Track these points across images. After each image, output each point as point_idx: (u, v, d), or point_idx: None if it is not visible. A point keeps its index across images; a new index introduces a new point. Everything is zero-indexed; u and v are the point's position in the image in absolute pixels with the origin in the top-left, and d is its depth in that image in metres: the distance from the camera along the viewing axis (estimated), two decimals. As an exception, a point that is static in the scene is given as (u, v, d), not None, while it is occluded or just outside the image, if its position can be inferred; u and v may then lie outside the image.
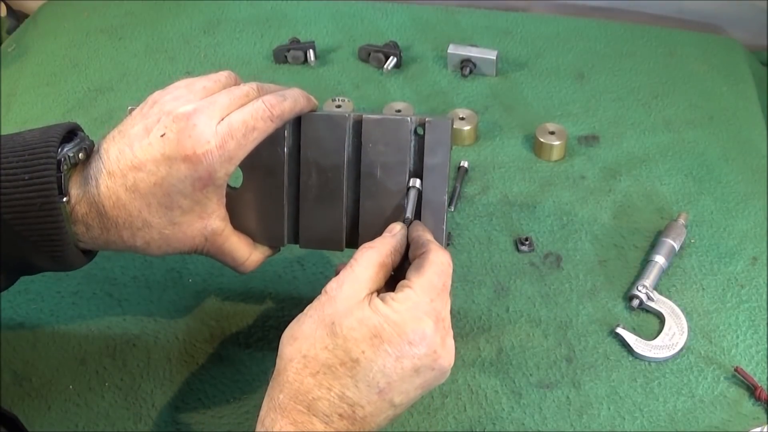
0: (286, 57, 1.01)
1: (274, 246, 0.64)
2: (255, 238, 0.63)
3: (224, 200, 0.59)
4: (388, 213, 0.61)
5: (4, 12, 1.21)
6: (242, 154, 0.57)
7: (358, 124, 0.61)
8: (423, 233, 0.57)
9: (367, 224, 0.61)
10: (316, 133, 0.62)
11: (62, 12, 1.13)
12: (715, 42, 1.03)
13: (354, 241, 0.62)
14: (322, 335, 0.51)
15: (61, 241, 0.55)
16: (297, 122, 0.63)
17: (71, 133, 0.58)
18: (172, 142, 0.54)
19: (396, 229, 0.57)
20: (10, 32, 1.16)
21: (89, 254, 0.60)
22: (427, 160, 0.60)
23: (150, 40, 1.06)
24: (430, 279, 0.53)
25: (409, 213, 0.59)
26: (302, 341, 0.52)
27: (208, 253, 0.61)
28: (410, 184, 0.60)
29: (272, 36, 1.05)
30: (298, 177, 0.62)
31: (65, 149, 0.56)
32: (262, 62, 1.02)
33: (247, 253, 0.62)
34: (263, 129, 0.57)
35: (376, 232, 0.57)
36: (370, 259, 0.53)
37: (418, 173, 0.61)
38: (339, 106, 0.90)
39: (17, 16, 1.22)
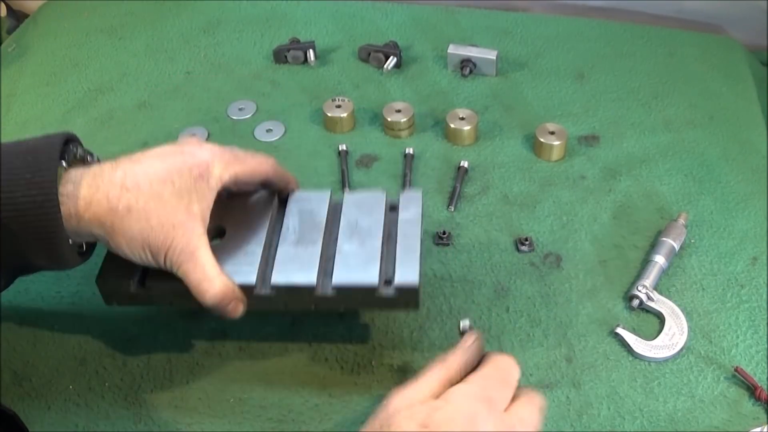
0: (286, 57, 1.01)
1: (245, 287, 0.61)
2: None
3: (209, 214, 0.60)
4: (364, 258, 0.62)
5: (4, 12, 1.21)
6: (238, 170, 0.62)
7: (339, 205, 0.68)
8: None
9: (343, 265, 0.62)
10: (300, 203, 0.68)
11: (62, 12, 1.13)
12: (715, 42, 1.03)
13: (326, 285, 0.62)
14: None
15: (58, 238, 0.55)
16: (284, 201, 0.68)
17: (72, 141, 0.61)
18: (182, 144, 0.62)
19: (468, 342, 0.55)
20: (10, 32, 1.16)
21: (85, 255, 0.61)
22: (401, 228, 0.64)
23: (150, 40, 1.06)
24: (485, 372, 0.53)
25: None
26: None
27: (180, 255, 0.58)
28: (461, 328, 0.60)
29: (272, 36, 1.05)
30: (278, 234, 0.65)
31: (69, 145, 0.59)
32: (262, 62, 1.02)
33: (217, 271, 0.59)
34: (260, 163, 0.64)
35: (351, 279, 0.60)
36: (438, 374, 0.53)
37: (392, 237, 0.64)
38: (339, 106, 0.90)
39: (17, 16, 1.22)
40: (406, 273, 0.60)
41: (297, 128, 0.92)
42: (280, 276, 0.61)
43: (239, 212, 0.67)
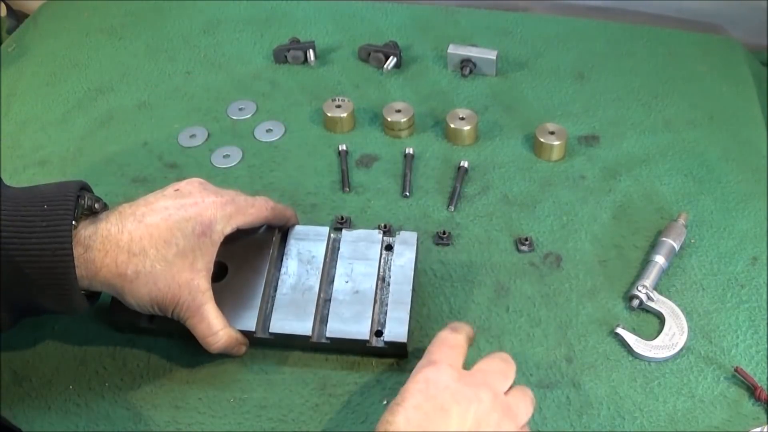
0: (286, 57, 1.01)
1: (246, 332, 0.66)
2: (229, 322, 0.66)
3: (212, 266, 0.64)
4: (358, 308, 0.67)
5: (4, 12, 1.21)
6: (240, 221, 0.65)
7: (336, 242, 0.72)
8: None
9: (337, 316, 0.67)
10: (299, 243, 0.71)
11: (62, 12, 1.13)
12: (715, 42, 1.03)
13: (321, 332, 0.67)
14: None
15: (69, 287, 0.58)
16: (285, 235, 0.72)
17: (84, 189, 0.63)
18: (184, 194, 0.64)
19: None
20: (10, 32, 1.16)
21: (92, 300, 0.63)
22: (394, 276, 0.69)
23: (150, 40, 1.06)
24: (487, 363, 0.59)
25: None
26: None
27: (186, 311, 0.63)
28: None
29: (272, 36, 1.05)
30: (278, 274, 0.69)
31: (80, 199, 0.61)
32: (262, 62, 1.02)
33: (221, 325, 0.64)
34: (260, 210, 0.67)
35: (344, 332, 0.66)
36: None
37: (386, 282, 0.69)
38: (339, 106, 0.90)
39: (17, 16, 1.22)
40: (396, 329, 0.65)
41: (297, 128, 0.92)
42: (278, 324, 0.66)
43: (241, 250, 0.70)
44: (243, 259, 0.69)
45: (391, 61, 0.98)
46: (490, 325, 0.70)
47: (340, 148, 0.87)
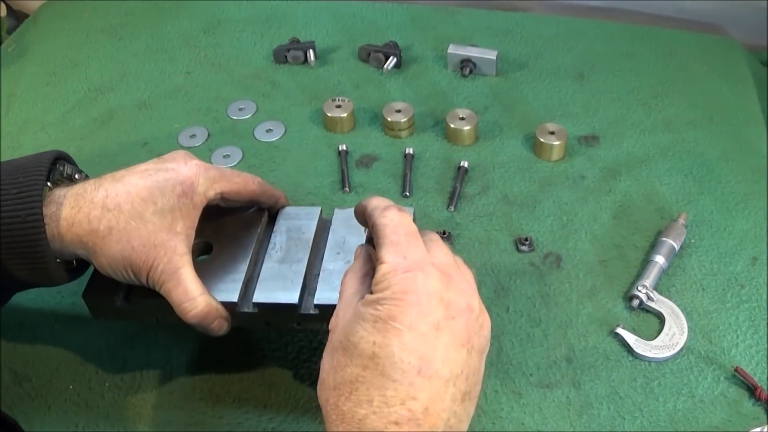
0: (286, 57, 1.01)
1: (227, 304, 0.61)
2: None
3: (193, 231, 0.60)
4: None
5: (4, 12, 1.21)
6: (224, 187, 0.62)
7: (327, 222, 0.67)
8: (368, 210, 0.54)
9: (327, 285, 0.61)
10: (289, 221, 0.67)
11: (62, 12, 1.13)
12: (715, 42, 1.03)
13: (309, 303, 0.61)
14: (338, 359, 0.49)
15: (41, 252, 0.56)
16: (274, 217, 0.68)
17: (62, 159, 0.62)
18: (167, 159, 0.61)
19: (359, 251, 0.56)
20: (10, 32, 1.16)
21: (75, 273, 0.62)
22: None
23: (150, 40, 1.06)
24: (390, 241, 0.50)
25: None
26: (326, 377, 0.49)
27: (162, 275, 0.58)
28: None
29: (272, 36, 1.05)
30: (265, 251, 0.65)
31: (58, 166, 0.60)
32: (262, 62, 1.02)
33: (200, 291, 0.58)
34: (245, 181, 0.64)
35: (334, 293, 0.57)
36: (350, 280, 0.53)
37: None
38: (339, 106, 0.90)
39: (17, 16, 1.22)
40: None
41: (297, 128, 0.92)
42: (263, 294, 0.61)
43: (227, 229, 0.66)
44: (229, 238, 0.65)
45: (391, 61, 0.98)
46: (490, 325, 0.70)
47: (340, 148, 0.87)
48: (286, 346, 0.69)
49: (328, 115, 0.90)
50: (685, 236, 0.75)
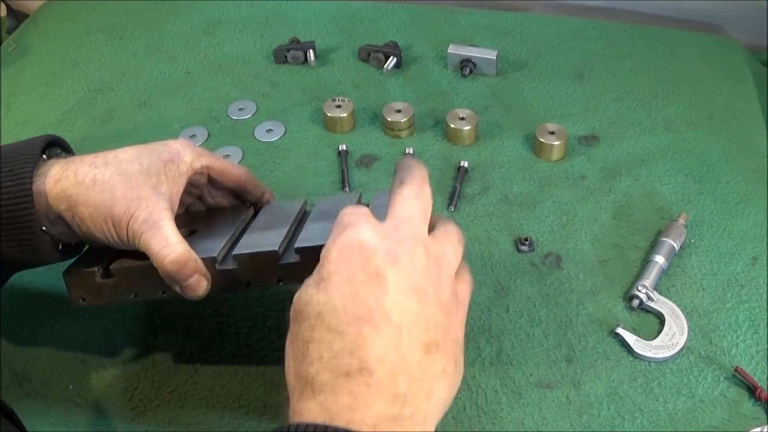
0: (286, 57, 1.01)
1: (207, 261, 0.59)
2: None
3: (178, 198, 0.61)
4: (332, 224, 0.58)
5: (4, 12, 1.21)
6: (210, 162, 0.64)
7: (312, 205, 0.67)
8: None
9: (307, 232, 0.60)
10: (273, 207, 0.68)
11: (62, 12, 1.13)
12: (715, 42, 1.03)
13: (290, 255, 0.59)
14: (292, 333, 0.49)
15: (31, 229, 0.57)
16: (257, 210, 0.69)
17: (58, 143, 0.64)
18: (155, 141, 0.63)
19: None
20: (10, 32, 1.16)
21: (65, 254, 0.62)
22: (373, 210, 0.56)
23: (150, 40, 1.06)
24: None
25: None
26: (287, 359, 0.49)
27: (142, 225, 0.57)
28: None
29: (272, 36, 1.05)
30: (247, 229, 0.65)
31: (52, 149, 0.62)
32: (262, 62, 1.02)
33: (178, 239, 0.57)
34: (233, 165, 0.67)
35: (317, 240, 0.55)
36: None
37: None
38: (339, 106, 0.90)
39: (17, 16, 1.22)
40: None
41: (297, 128, 0.92)
42: (243, 248, 0.60)
43: (213, 218, 0.67)
44: (214, 224, 0.66)
45: (391, 61, 0.98)
46: (490, 325, 0.70)
47: (340, 148, 0.87)
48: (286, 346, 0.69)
49: (328, 115, 0.90)
50: (685, 236, 0.75)
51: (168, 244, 0.57)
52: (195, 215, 0.68)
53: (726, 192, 0.81)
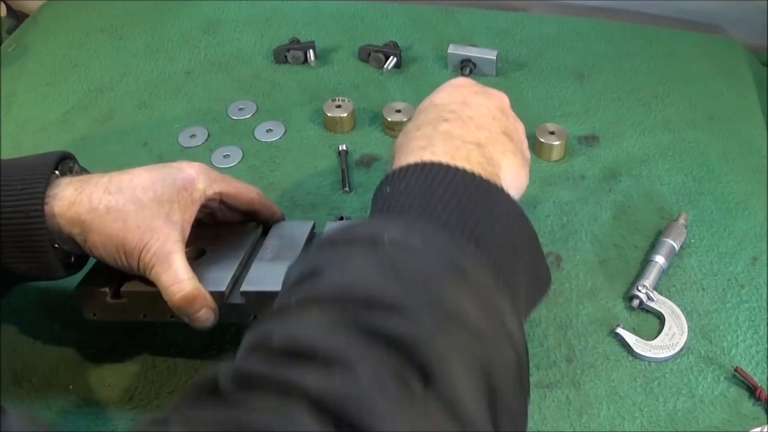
0: (286, 57, 1.01)
1: (215, 294, 0.61)
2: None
3: (189, 226, 0.62)
4: None
5: (4, 12, 1.21)
6: (223, 188, 0.64)
7: (320, 232, 0.68)
8: None
9: None
10: (282, 229, 0.69)
11: (62, 12, 1.13)
12: (715, 42, 1.03)
13: None
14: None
15: (41, 247, 0.58)
16: (268, 230, 0.69)
17: (69, 158, 0.64)
18: (171, 163, 0.64)
19: None
20: (10, 32, 1.16)
21: (73, 268, 0.63)
22: None
23: (150, 40, 1.06)
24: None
25: None
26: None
27: (153, 257, 0.59)
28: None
29: (272, 36, 1.05)
30: (257, 254, 0.65)
31: (68, 162, 0.63)
32: (262, 62, 1.02)
33: (189, 275, 0.59)
34: (247, 188, 0.67)
35: None
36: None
37: None
38: (339, 106, 0.90)
39: (17, 16, 1.22)
40: None
41: (297, 128, 0.92)
42: (251, 284, 0.61)
43: (222, 237, 0.68)
44: (222, 244, 0.67)
45: (391, 61, 0.98)
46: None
47: (340, 148, 0.87)
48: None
49: (328, 115, 0.90)
50: (685, 236, 0.75)
51: (178, 281, 0.59)
52: (204, 232, 0.67)
53: (726, 192, 0.81)
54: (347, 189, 0.83)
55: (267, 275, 0.62)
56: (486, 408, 0.42)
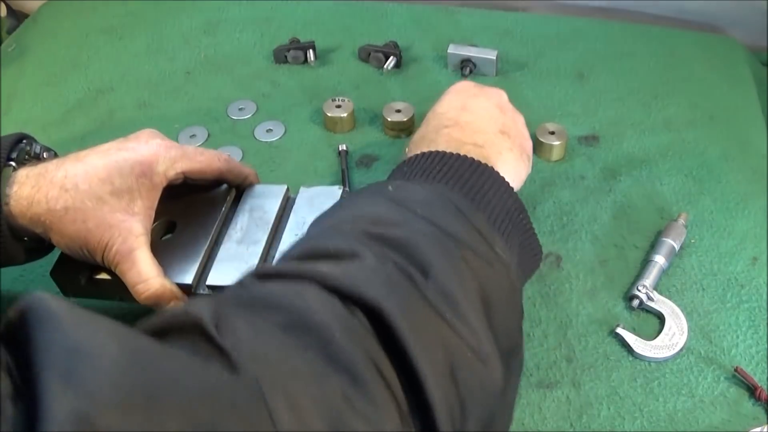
0: (286, 57, 1.01)
1: (182, 287, 0.61)
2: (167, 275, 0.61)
3: (153, 212, 0.60)
4: None
5: (4, 12, 1.21)
6: (186, 167, 0.62)
7: (292, 201, 0.67)
8: None
9: None
10: (254, 199, 0.67)
11: (62, 12, 1.13)
12: (715, 42, 1.03)
13: None
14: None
15: (2, 243, 0.57)
16: (240, 194, 0.68)
17: (26, 139, 0.63)
18: (130, 138, 0.62)
19: None
20: (10, 32, 1.16)
21: (40, 252, 0.62)
22: None
23: (150, 40, 1.06)
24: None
25: None
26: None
27: (116, 256, 0.58)
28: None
29: (272, 36, 1.05)
30: (226, 231, 0.64)
31: (26, 145, 0.62)
32: (262, 62, 1.02)
33: (155, 273, 0.59)
34: (209, 160, 0.64)
35: None
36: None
37: None
38: (339, 106, 0.90)
39: (17, 16, 1.22)
40: None
41: (297, 128, 0.92)
42: (217, 276, 0.61)
43: (193, 207, 0.66)
44: (193, 216, 0.65)
45: (391, 61, 0.98)
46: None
47: (340, 148, 0.87)
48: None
49: (328, 115, 0.90)
50: (685, 236, 0.75)
51: (143, 280, 0.58)
52: (174, 202, 0.65)
53: (726, 192, 0.81)
54: (347, 189, 0.83)
55: (232, 263, 0.61)
56: (481, 309, 0.47)
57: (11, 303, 0.64)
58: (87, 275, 0.63)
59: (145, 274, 0.58)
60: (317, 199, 0.66)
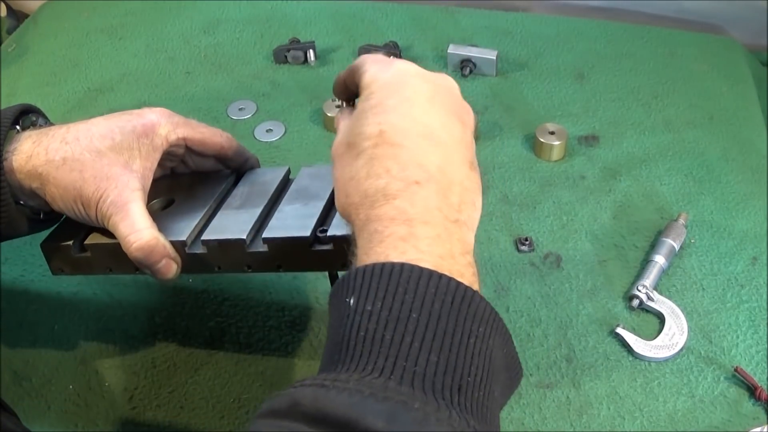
0: (286, 57, 1.01)
1: (176, 244, 0.59)
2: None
3: (151, 174, 0.59)
4: (303, 212, 0.59)
5: (4, 12, 1.22)
6: (187, 133, 0.61)
7: (293, 180, 0.65)
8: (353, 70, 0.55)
9: (278, 221, 0.59)
10: (255, 176, 0.66)
11: (62, 12, 1.13)
12: (715, 42, 1.03)
13: (257, 244, 0.58)
14: (347, 160, 0.49)
15: (2, 201, 0.57)
16: (239, 176, 0.67)
17: (33, 111, 0.63)
18: (135, 110, 0.61)
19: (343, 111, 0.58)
20: (10, 32, 1.16)
21: (41, 224, 0.62)
22: None
23: (150, 40, 1.06)
24: (371, 60, 0.53)
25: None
26: (340, 185, 0.49)
27: (111, 207, 0.56)
28: None
29: (272, 36, 1.05)
30: (224, 203, 0.63)
31: (30, 115, 0.61)
32: (262, 62, 1.02)
33: (146, 224, 0.57)
34: (213, 132, 0.63)
35: (285, 228, 0.57)
36: (343, 118, 0.54)
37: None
38: (339, 106, 0.90)
39: (17, 16, 1.22)
40: (342, 225, 0.55)
41: (297, 128, 0.92)
42: (213, 233, 0.59)
43: (193, 186, 0.66)
44: (192, 192, 0.65)
45: (391, 61, 0.98)
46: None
47: (340, 148, 0.87)
48: (286, 346, 0.69)
49: (328, 115, 0.90)
50: (685, 236, 0.75)
51: (135, 230, 0.56)
52: (178, 180, 0.66)
53: (726, 192, 0.81)
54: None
55: (230, 223, 0.60)
56: None
57: (11, 303, 0.64)
58: (79, 242, 0.62)
59: (138, 225, 0.56)
60: (320, 174, 0.65)
